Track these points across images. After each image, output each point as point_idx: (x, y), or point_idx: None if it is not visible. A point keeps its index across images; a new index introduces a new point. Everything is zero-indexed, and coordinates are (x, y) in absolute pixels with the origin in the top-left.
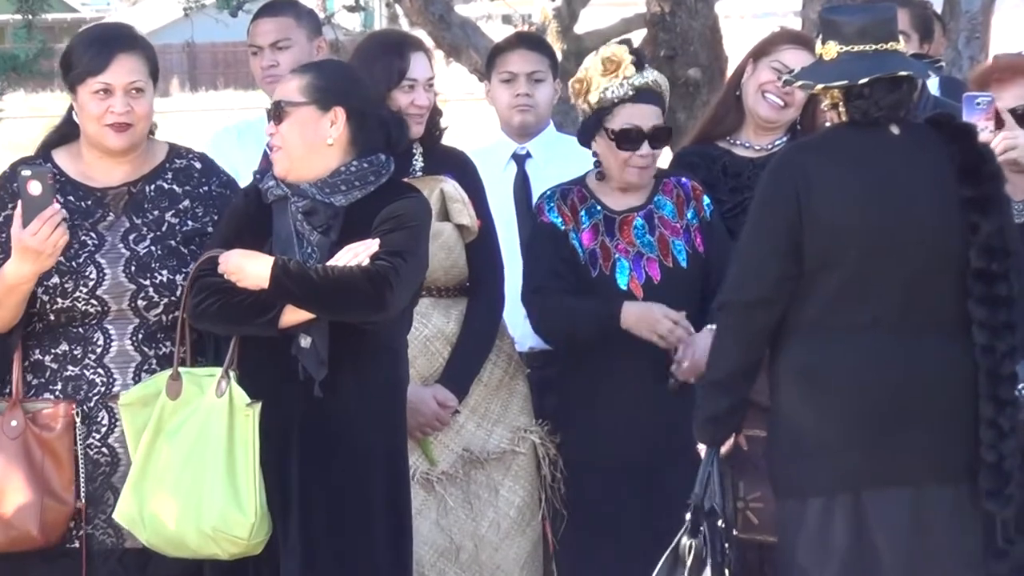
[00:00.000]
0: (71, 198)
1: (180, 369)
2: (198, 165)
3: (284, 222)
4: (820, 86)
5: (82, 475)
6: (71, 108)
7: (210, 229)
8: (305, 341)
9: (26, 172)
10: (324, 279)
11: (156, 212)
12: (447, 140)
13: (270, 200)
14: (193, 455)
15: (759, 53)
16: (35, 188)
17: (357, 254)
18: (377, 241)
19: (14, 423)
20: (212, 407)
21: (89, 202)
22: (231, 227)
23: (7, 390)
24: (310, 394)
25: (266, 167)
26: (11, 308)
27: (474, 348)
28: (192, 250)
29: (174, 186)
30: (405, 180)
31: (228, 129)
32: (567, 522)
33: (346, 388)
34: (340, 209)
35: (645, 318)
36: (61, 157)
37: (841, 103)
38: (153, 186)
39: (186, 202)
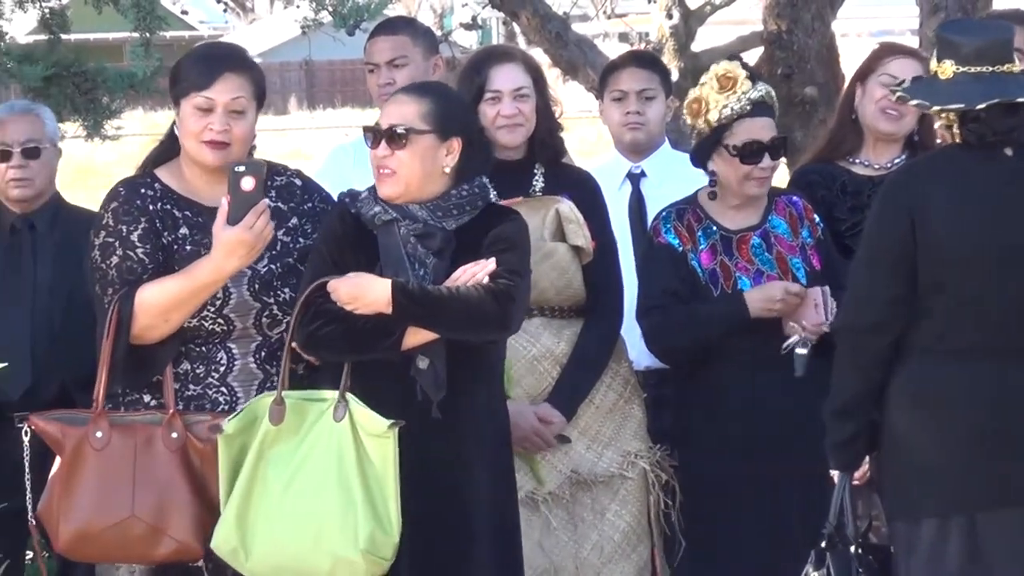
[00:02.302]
0: (187, 213)
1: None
2: (298, 182)
3: (392, 245)
4: (936, 108)
5: None
6: (174, 124)
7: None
8: (423, 363)
9: (239, 168)
10: (448, 298)
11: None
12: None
13: (378, 224)
14: (316, 480)
15: (864, 73)
16: (247, 183)
17: (475, 274)
18: (493, 260)
19: (174, 435)
20: (332, 431)
21: (202, 219)
22: (334, 254)
23: (138, 403)
24: (426, 415)
25: (357, 191)
26: (189, 311)
27: (584, 369)
28: None
29: (279, 204)
30: (523, 199)
31: (345, 147)
32: (684, 548)
33: (460, 408)
34: (452, 233)
35: (765, 291)
36: (164, 175)
37: (956, 125)
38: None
39: (294, 220)
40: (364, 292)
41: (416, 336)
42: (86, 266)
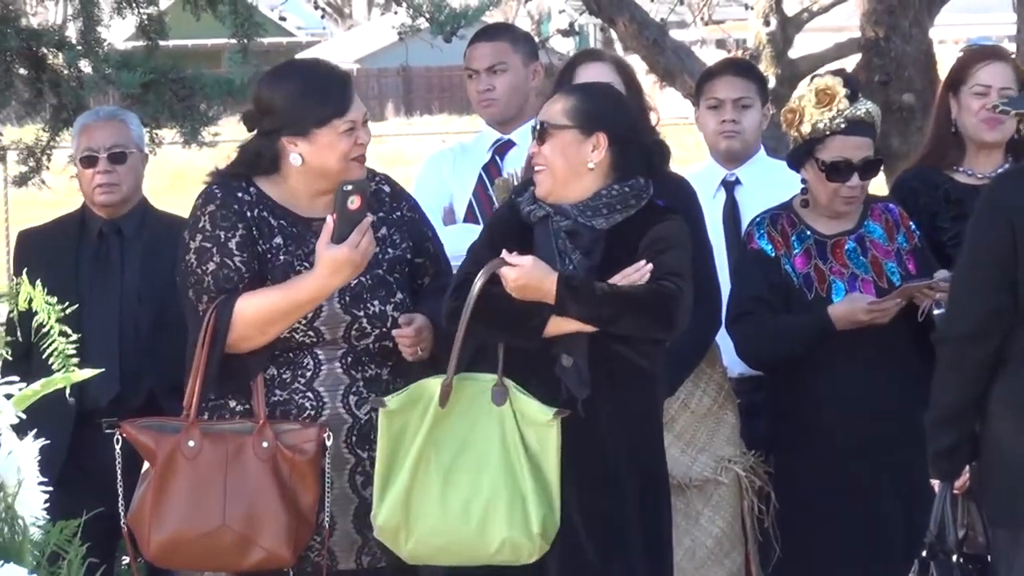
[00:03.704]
0: (282, 222)
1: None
2: (387, 188)
3: (546, 241)
4: (1013, 112)
5: (328, 498)
6: (267, 151)
7: (409, 256)
8: (567, 361)
9: (348, 187)
10: (611, 296)
11: None
12: None
13: (532, 221)
14: (478, 463)
15: (955, 83)
16: (354, 202)
17: (627, 275)
18: (649, 266)
19: (265, 444)
20: (492, 414)
21: (296, 229)
22: (496, 240)
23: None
24: (570, 414)
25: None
26: (287, 325)
27: (673, 366)
28: (396, 278)
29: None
30: None
31: (444, 152)
32: (779, 556)
33: (604, 410)
34: (602, 232)
35: (850, 311)
36: (262, 183)
37: None
38: None
39: (383, 230)
40: (533, 286)
41: (558, 325)
42: (178, 268)
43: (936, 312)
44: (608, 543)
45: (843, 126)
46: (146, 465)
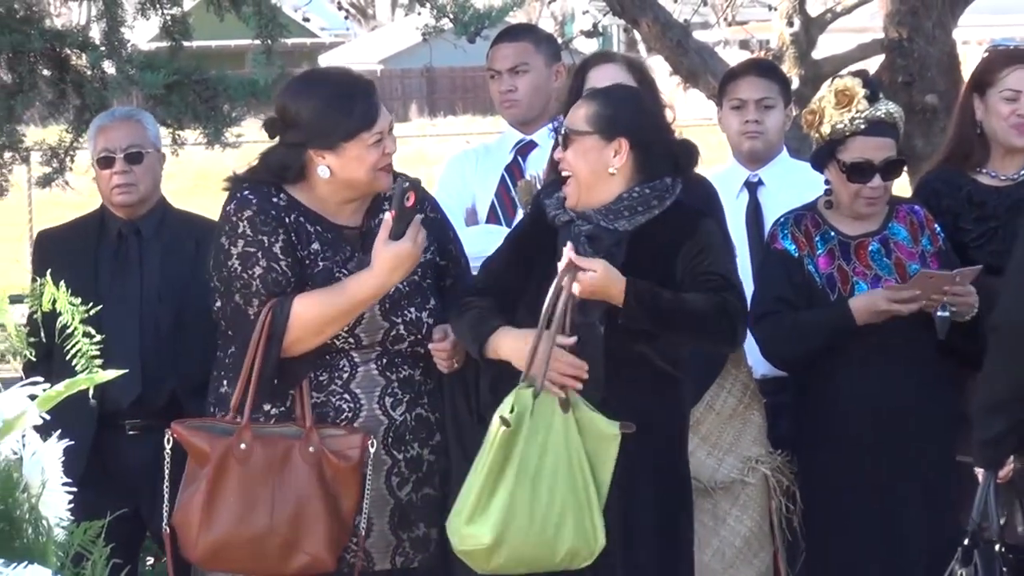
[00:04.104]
0: (318, 228)
1: None
2: None
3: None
4: None
5: (366, 504)
6: (294, 162)
7: (438, 259)
8: None
9: (405, 184)
10: (674, 306)
11: None
12: None
13: (557, 225)
14: (552, 471)
15: (982, 86)
16: (409, 199)
17: None
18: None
19: (311, 449)
20: (561, 421)
21: (331, 235)
22: (516, 238)
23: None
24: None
25: (503, 191)
26: (342, 326)
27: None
28: (429, 284)
29: None
30: None
31: (467, 153)
32: (805, 554)
33: (614, 408)
34: (624, 234)
35: (870, 304)
36: (291, 189)
37: None
38: (377, 220)
39: None
40: (607, 290)
41: (497, 350)
42: (218, 274)
43: (939, 315)
44: (618, 543)
45: (863, 127)
46: (186, 467)
